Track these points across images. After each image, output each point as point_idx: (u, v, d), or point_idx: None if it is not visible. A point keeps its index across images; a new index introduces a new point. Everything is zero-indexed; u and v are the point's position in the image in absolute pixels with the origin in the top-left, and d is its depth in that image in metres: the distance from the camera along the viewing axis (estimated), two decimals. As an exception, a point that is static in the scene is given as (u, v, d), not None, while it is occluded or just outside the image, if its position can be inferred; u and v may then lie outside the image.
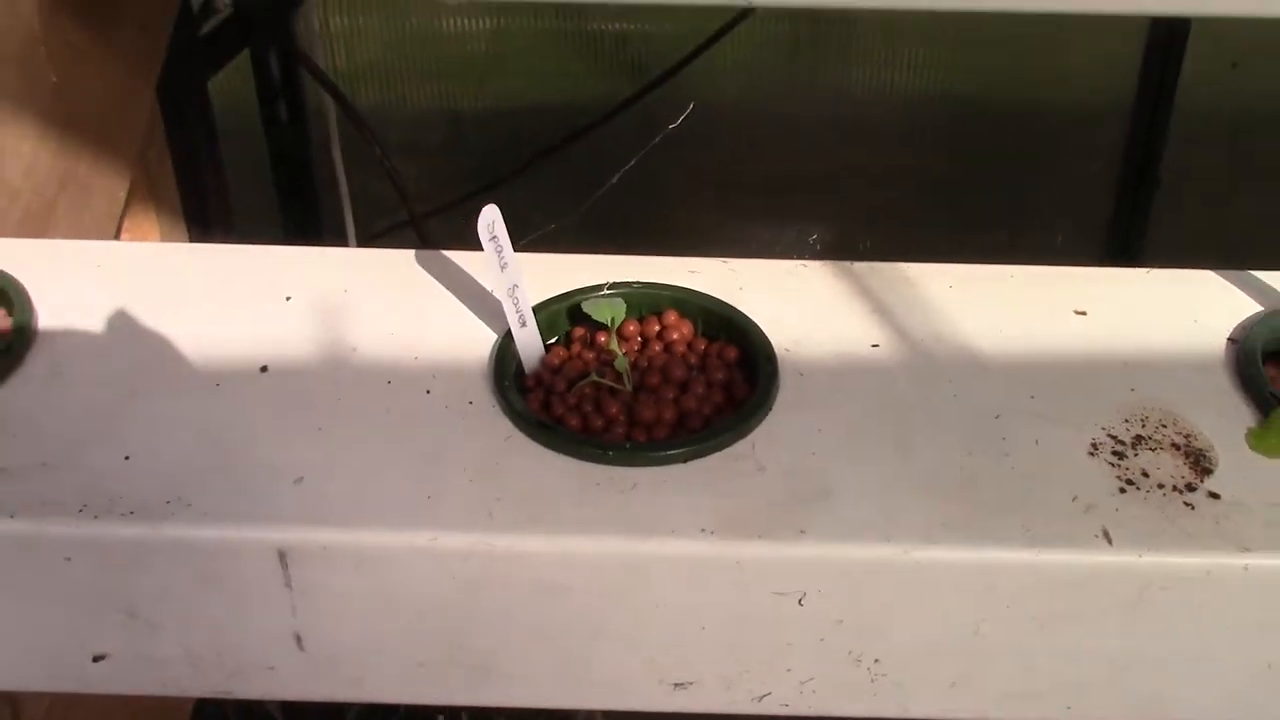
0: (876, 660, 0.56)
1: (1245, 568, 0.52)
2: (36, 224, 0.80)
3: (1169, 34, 1.31)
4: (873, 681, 0.57)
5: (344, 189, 1.41)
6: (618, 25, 1.39)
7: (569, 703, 0.59)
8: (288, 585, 0.54)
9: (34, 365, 0.61)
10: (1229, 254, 0.74)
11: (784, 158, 1.45)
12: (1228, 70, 1.35)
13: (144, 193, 1.06)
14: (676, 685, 0.57)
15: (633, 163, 1.20)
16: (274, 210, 1.43)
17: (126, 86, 0.96)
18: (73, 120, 0.86)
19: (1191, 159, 1.37)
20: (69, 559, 0.54)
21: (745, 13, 1.21)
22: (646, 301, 0.64)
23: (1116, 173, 1.47)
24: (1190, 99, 1.35)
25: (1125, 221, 1.45)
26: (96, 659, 0.57)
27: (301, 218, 1.42)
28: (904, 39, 1.35)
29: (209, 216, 1.18)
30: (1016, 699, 0.57)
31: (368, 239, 1.41)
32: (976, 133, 1.43)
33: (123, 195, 0.97)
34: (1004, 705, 0.57)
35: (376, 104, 1.42)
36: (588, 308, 0.63)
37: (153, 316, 0.64)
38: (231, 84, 1.30)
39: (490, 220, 0.58)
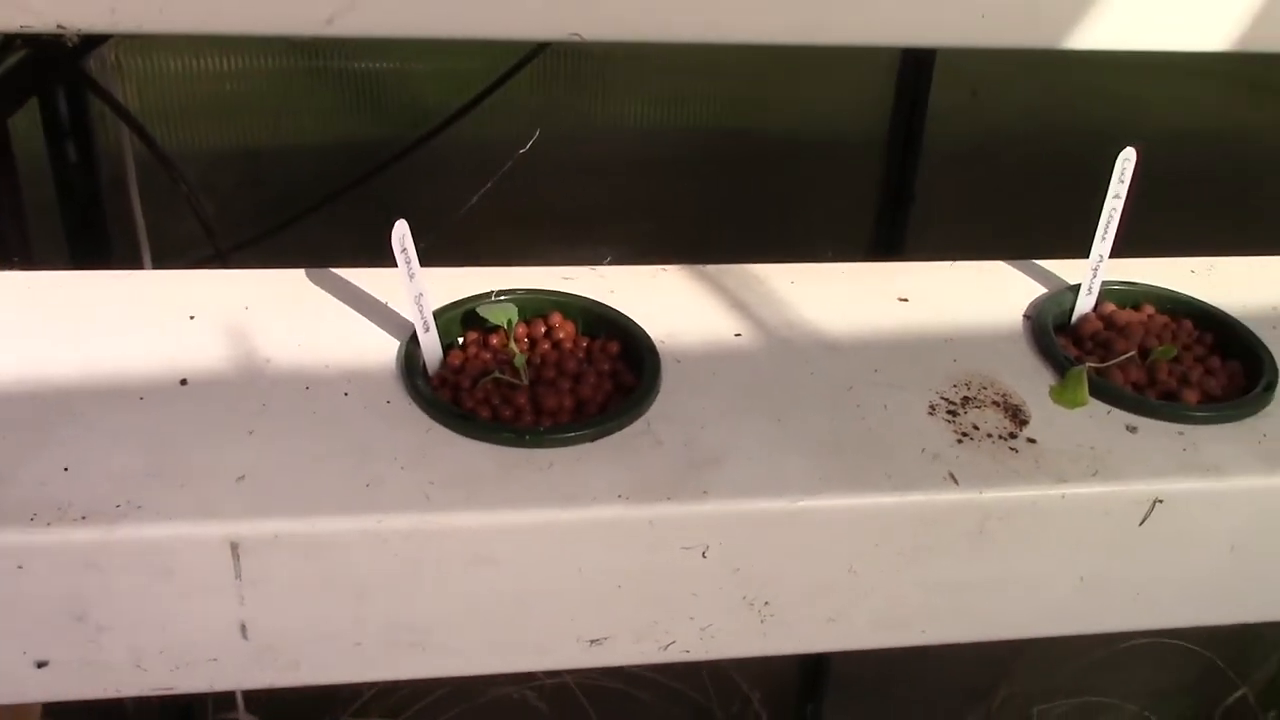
0: (766, 603, 0.64)
1: (1062, 496, 0.63)
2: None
3: (917, 65, 1.47)
4: (762, 623, 0.65)
5: (141, 228, 1.41)
6: (410, 64, 1.45)
7: (498, 668, 0.64)
8: (238, 576, 0.58)
9: (-52, 390, 0.63)
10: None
11: (572, 189, 1.54)
12: (969, 98, 1.52)
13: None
14: (593, 642, 0.64)
15: (487, 187, 1.26)
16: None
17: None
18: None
19: (941, 179, 1.54)
20: (20, 566, 0.56)
21: (538, 50, 1.30)
22: (532, 306, 0.71)
23: (876, 194, 1.62)
24: (938, 124, 1.52)
25: (885, 238, 1.60)
26: (40, 665, 0.60)
27: (94, 257, 1.41)
28: (681, 74, 1.46)
29: (9, 256, 1.17)
30: (883, 628, 0.67)
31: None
32: (751, 162, 1.56)
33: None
34: (872, 634, 0.67)
35: (170, 143, 1.43)
36: (484, 312, 0.69)
37: (61, 340, 0.66)
38: (18, 124, 1.29)
39: (401, 234, 0.64)
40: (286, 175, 1.49)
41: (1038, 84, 1.47)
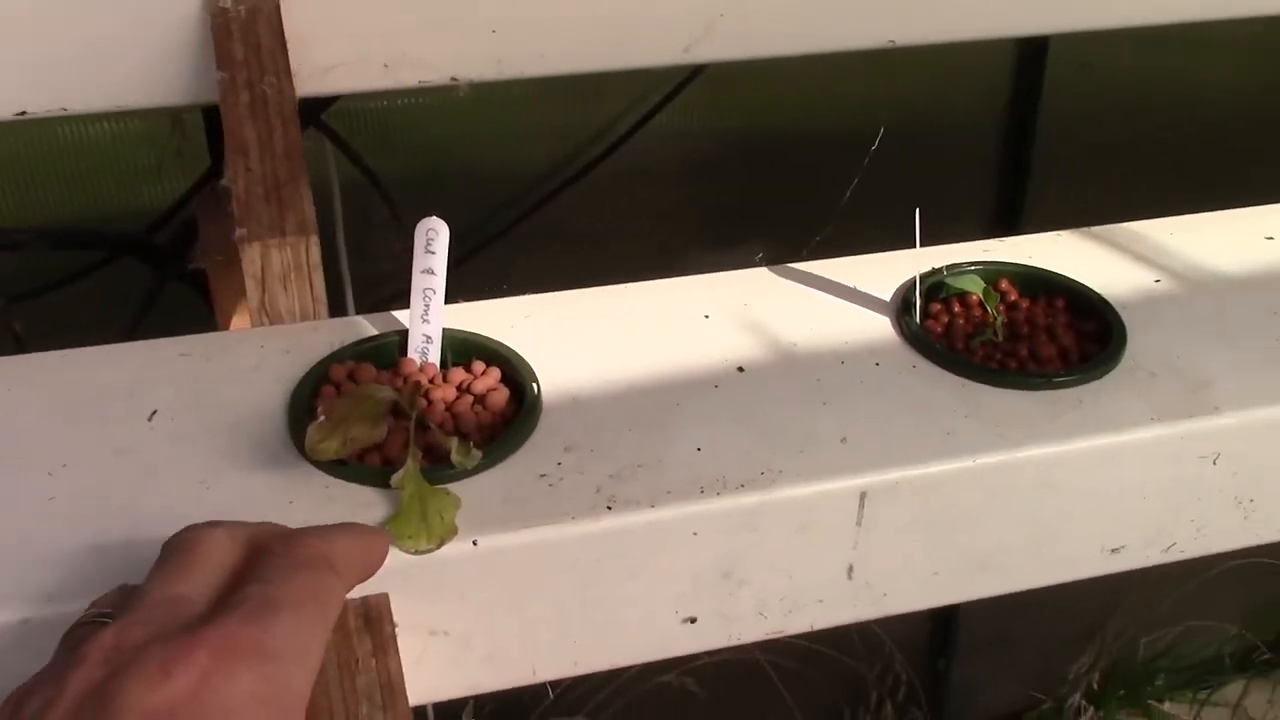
0: (1251, 500, 0.76)
1: None
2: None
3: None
4: (1245, 519, 0.76)
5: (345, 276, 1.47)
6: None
7: (1034, 582, 0.75)
8: (859, 523, 0.68)
9: (552, 399, 0.72)
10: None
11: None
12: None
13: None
14: (1113, 551, 0.75)
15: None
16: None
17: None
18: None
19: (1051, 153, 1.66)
20: (695, 533, 0.66)
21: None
22: (985, 274, 0.81)
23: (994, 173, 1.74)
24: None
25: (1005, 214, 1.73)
26: (687, 621, 0.69)
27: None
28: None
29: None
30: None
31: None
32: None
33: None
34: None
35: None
36: (953, 281, 0.79)
37: (631, 347, 0.76)
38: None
39: (916, 219, 0.74)
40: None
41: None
